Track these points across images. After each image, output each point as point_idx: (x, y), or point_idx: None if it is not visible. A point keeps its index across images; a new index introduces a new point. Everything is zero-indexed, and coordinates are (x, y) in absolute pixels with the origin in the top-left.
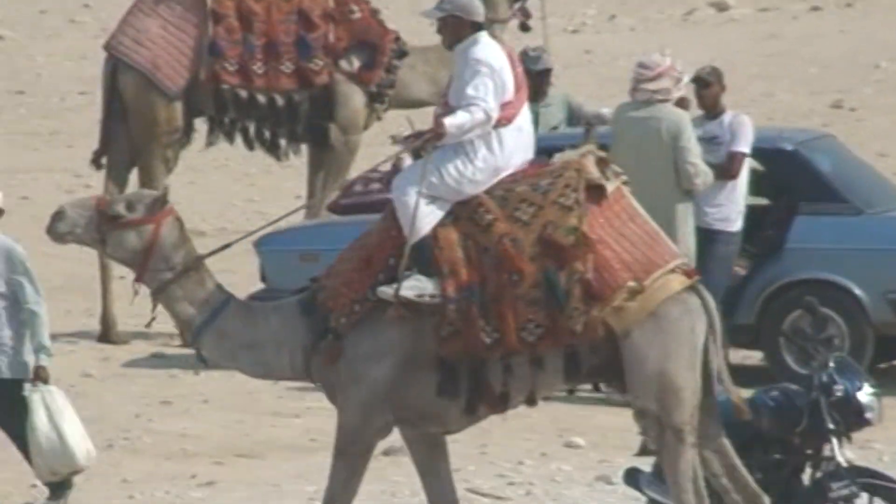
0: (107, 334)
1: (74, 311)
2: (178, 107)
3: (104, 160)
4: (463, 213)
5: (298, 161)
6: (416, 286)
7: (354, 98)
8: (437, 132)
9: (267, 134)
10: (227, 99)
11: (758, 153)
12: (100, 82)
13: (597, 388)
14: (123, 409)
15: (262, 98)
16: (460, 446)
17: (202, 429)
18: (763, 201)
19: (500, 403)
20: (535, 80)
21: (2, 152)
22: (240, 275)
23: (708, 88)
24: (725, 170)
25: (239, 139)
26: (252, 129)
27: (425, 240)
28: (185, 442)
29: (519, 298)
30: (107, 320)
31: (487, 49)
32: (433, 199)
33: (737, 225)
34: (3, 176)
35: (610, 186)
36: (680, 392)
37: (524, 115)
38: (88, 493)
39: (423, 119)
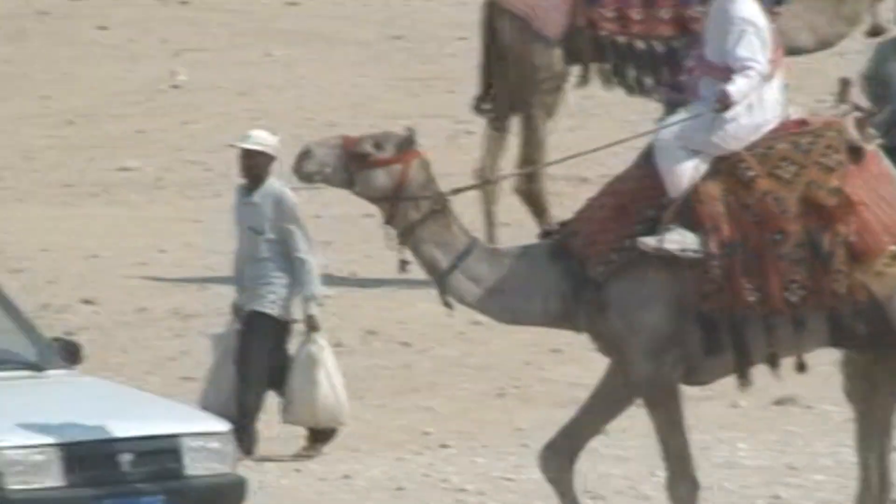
0: None
1: None
2: (557, 53)
3: (485, 106)
4: (723, 167)
5: None
6: (678, 240)
7: None
8: (726, 103)
9: (649, 80)
10: (605, 46)
11: None
12: (478, 28)
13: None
14: (514, 357)
15: (640, 45)
16: None
17: (593, 377)
18: None
19: (762, 363)
20: None
21: (382, 98)
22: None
23: None
24: None
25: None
26: (632, 75)
27: (686, 194)
28: (577, 390)
29: (782, 257)
30: None
31: (749, 6)
32: (695, 154)
33: None
34: (384, 122)
35: (867, 148)
36: None
37: (782, 73)
38: (483, 440)
39: None
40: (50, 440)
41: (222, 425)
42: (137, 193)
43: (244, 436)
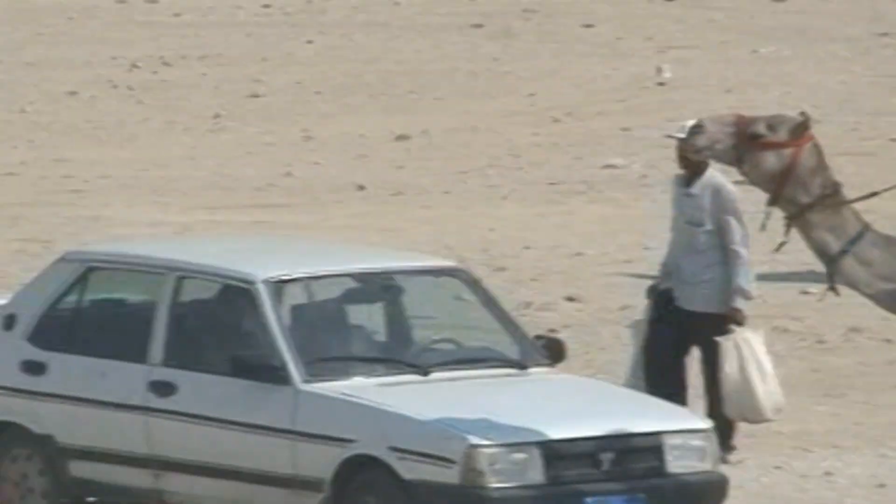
0: None
1: None
2: None
3: None
4: None
5: None
6: None
7: None
8: None
9: None
10: None
11: None
12: None
13: None
14: None
15: None
16: None
17: None
18: None
19: None
20: None
21: (867, 95)
22: None
23: None
24: None
25: None
26: None
27: None
28: None
29: None
30: None
31: None
32: None
33: None
34: (870, 119)
35: None
36: None
37: None
38: None
39: None
40: (531, 438)
41: (704, 423)
42: (623, 191)
43: (724, 436)
